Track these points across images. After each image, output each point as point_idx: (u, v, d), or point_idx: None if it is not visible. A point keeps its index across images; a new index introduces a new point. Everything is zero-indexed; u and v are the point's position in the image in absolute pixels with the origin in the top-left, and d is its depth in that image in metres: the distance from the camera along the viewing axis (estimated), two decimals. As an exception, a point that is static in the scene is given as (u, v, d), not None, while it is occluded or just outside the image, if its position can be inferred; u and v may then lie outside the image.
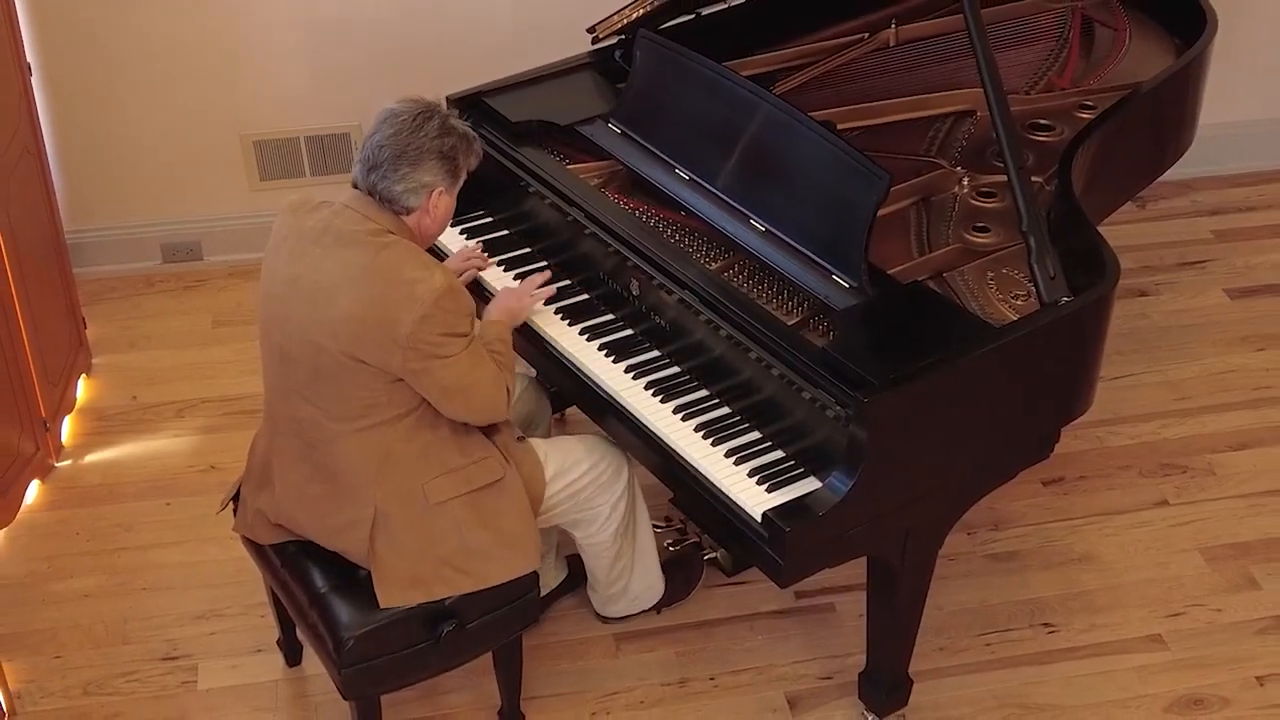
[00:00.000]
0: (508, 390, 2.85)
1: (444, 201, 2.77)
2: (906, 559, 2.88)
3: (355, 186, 2.76)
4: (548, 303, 3.18)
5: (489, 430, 2.89)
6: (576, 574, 3.35)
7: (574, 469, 3.00)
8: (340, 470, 2.79)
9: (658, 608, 3.36)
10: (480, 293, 3.20)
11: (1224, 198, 4.88)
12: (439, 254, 3.34)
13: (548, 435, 3.41)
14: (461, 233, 3.38)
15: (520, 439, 2.97)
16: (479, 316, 2.92)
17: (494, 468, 2.85)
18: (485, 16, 4.30)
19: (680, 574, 3.39)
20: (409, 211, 2.74)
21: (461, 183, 2.80)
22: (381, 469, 2.77)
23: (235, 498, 3.05)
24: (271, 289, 2.78)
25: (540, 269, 3.20)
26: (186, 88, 4.28)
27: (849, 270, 2.87)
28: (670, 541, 3.41)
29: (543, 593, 3.12)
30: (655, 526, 3.27)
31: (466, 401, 2.77)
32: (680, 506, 3.16)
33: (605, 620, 3.37)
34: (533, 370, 3.38)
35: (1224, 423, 3.97)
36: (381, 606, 2.77)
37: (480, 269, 3.25)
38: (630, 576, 3.25)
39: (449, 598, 2.81)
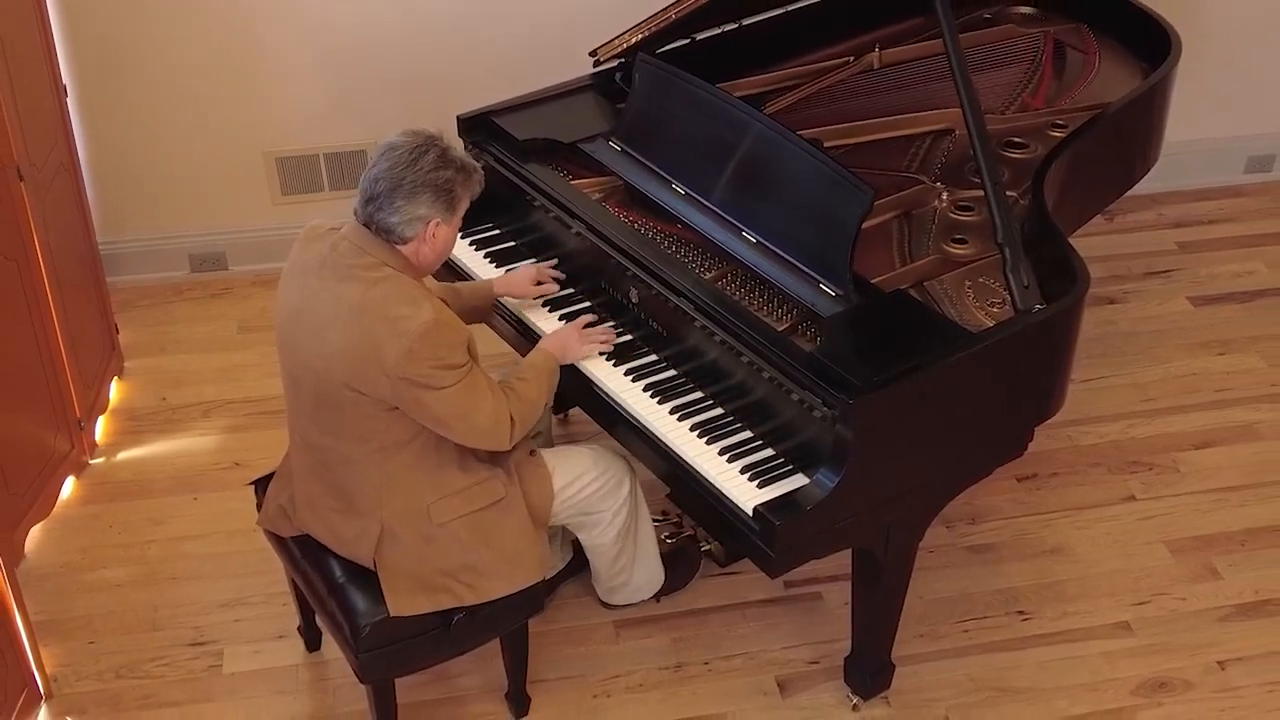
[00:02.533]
0: (513, 420, 2.76)
1: (442, 232, 2.67)
2: (889, 551, 2.89)
3: (356, 216, 2.69)
4: (551, 308, 3.19)
5: None
6: (582, 557, 3.33)
7: (580, 479, 2.98)
8: (349, 490, 2.78)
9: (656, 596, 3.36)
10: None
11: (1188, 211, 4.89)
12: (457, 269, 3.34)
13: (549, 436, 3.42)
14: (471, 244, 3.39)
15: (532, 453, 2.96)
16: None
17: (496, 488, 2.83)
18: (494, 40, 4.30)
19: (680, 566, 3.39)
20: (406, 242, 2.66)
21: (462, 212, 2.72)
22: (388, 491, 2.75)
23: (258, 485, 3.06)
24: (281, 316, 2.75)
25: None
26: (212, 107, 4.29)
27: (835, 279, 2.88)
28: (667, 534, 3.41)
29: (549, 576, 3.11)
30: (653, 520, 3.27)
31: (465, 430, 2.71)
32: (676, 501, 3.16)
33: (608, 608, 3.37)
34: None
35: (1188, 423, 3.97)
36: (391, 615, 2.77)
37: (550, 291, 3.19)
38: (631, 571, 3.25)
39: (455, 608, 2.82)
